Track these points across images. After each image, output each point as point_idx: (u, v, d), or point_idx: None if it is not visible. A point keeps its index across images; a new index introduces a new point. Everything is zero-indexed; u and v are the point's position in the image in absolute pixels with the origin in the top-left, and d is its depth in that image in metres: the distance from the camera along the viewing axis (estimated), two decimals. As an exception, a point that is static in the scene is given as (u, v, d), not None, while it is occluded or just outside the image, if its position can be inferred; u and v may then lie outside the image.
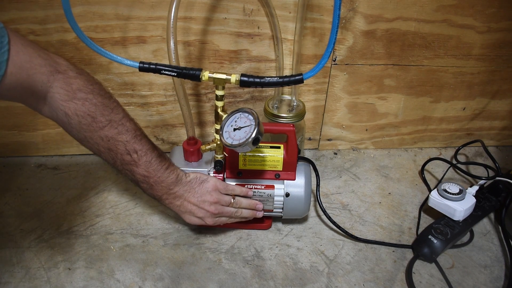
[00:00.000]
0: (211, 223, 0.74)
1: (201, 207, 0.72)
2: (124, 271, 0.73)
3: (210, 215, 0.73)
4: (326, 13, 0.86)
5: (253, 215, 0.77)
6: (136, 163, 0.65)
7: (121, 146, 0.63)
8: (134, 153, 0.65)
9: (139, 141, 0.65)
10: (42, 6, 0.80)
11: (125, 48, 0.86)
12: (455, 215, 0.79)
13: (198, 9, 0.83)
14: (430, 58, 0.94)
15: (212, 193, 0.72)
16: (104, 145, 0.63)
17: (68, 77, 0.57)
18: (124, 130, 0.63)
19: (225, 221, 0.76)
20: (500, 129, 1.09)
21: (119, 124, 0.63)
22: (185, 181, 0.71)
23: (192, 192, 0.71)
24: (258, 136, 0.63)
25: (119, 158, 0.64)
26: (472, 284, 0.73)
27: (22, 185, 0.92)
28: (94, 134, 0.61)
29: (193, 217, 0.73)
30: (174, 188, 0.70)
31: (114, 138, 0.62)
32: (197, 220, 0.73)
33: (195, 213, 0.72)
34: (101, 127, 0.61)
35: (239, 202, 0.75)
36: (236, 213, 0.75)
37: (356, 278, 0.73)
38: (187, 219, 0.73)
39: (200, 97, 0.95)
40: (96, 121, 0.60)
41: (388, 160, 1.04)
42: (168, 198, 0.70)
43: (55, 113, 0.59)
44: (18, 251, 0.76)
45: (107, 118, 0.61)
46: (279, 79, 0.64)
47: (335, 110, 1.00)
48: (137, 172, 0.66)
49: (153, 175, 0.67)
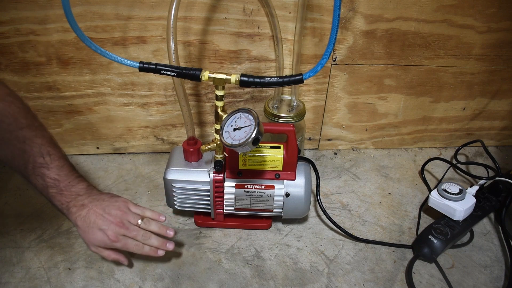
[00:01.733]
0: (113, 236, 0.67)
1: (105, 217, 0.67)
2: (124, 271, 0.73)
3: (114, 227, 0.67)
4: (326, 13, 0.86)
5: (161, 245, 0.70)
6: (48, 165, 0.66)
7: (35, 148, 0.65)
8: (47, 156, 0.66)
9: (54, 147, 0.68)
10: (42, 6, 0.80)
11: (125, 48, 0.86)
12: (455, 215, 0.79)
13: (198, 9, 0.83)
14: (430, 58, 0.94)
15: (121, 206, 0.69)
16: (19, 147, 0.65)
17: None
18: (40, 135, 0.67)
19: (131, 245, 0.68)
20: (500, 129, 1.09)
21: (38, 129, 0.67)
22: (95, 192, 0.70)
23: (100, 202, 0.68)
24: (258, 136, 0.63)
25: (31, 161, 0.65)
26: (472, 284, 0.73)
27: (22, 185, 0.92)
28: (12, 134, 0.64)
29: (95, 230, 0.67)
30: (83, 195, 0.68)
31: (31, 140, 0.65)
32: (99, 234, 0.67)
33: (99, 223, 0.67)
34: (20, 127, 0.65)
35: (148, 223, 0.70)
36: (144, 236, 0.69)
37: (356, 278, 0.73)
38: (90, 234, 0.67)
39: (200, 97, 0.95)
40: (17, 121, 0.65)
41: (388, 160, 1.04)
42: (76, 205, 0.67)
43: None
44: (18, 251, 0.76)
45: (28, 121, 0.66)
46: (279, 79, 0.64)
47: (335, 110, 1.00)
48: (48, 175, 0.66)
49: (64, 179, 0.67)
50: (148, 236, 0.69)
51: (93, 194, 0.69)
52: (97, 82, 0.90)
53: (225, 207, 0.78)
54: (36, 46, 0.84)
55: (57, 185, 0.67)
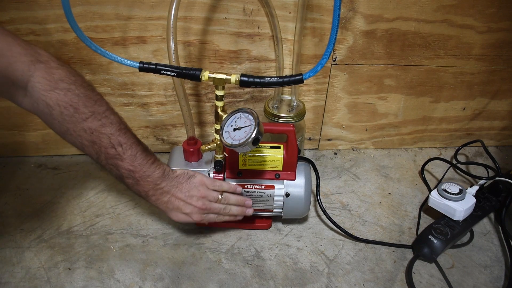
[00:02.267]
0: (198, 219, 0.71)
1: (188, 202, 0.69)
2: (124, 271, 0.73)
3: (198, 210, 0.70)
4: (326, 13, 0.86)
5: (242, 212, 0.75)
6: (121, 156, 0.63)
7: (105, 139, 0.62)
8: (119, 146, 0.63)
9: (124, 134, 0.64)
10: (42, 6, 0.80)
11: (125, 48, 0.86)
12: (455, 215, 0.79)
13: (198, 9, 0.83)
14: (430, 58, 0.94)
15: (200, 187, 0.71)
16: (88, 138, 0.61)
17: (50, 67, 0.57)
18: (108, 123, 0.62)
19: (213, 218, 0.73)
20: (500, 129, 1.09)
21: (103, 116, 0.61)
22: (172, 176, 0.69)
23: (180, 187, 0.70)
24: (258, 136, 0.63)
25: (103, 152, 0.62)
26: (472, 284, 0.73)
27: (22, 185, 0.92)
28: (77, 126, 0.60)
29: (180, 214, 0.70)
30: (161, 184, 0.68)
31: (98, 131, 0.61)
32: (184, 217, 0.70)
33: (182, 209, 0.70)
34: (84, 119, 0.59)
35: (227, 198, 0.73)
36: (225, 209, 0.73)
37: (356, 278, 0.73)
38: (174, 216, 0.71)
39: (200, 97, 0.95)
40: (78, 112, 0.59)
41: (388, 160, 1.04)
42: (155, 194, 0.68)
43: (36, 104, 0.57)
44: (18, 251, 0.76)
45: (90, 109, 0.60)
46: (279, 79, 0.64)
47: (335, 110, 1.00)
48: (122, 166, 0.64)
49: (138, 169, 0.65)
50: (228, 209, 0.73)
51: (170, 178, 0.69)
52: (97, 82, 0.90)
53: (225, 207, 0.78)
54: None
55: (132, 176, 0.65)
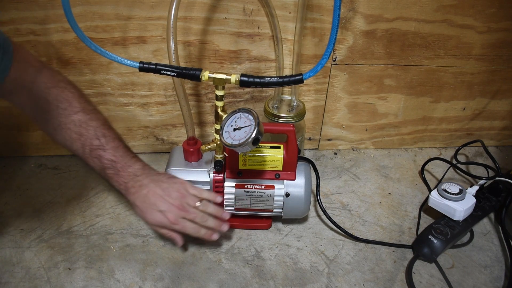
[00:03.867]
0: (173, 219, 0.68)
1: (165, 199, 0.69)
2: (124, 271, 0.73)
3: (174, 209, 0.69)
4: (326, 13, 0.86)
5: (217, 227, 0.72)
6: (104, 147, 0.69)
7: (91, 131, 0.69)
8: (103, 138, 0.69)
9: (108, 129, 0.71)
10: (42, 6, 0.80)
11: (125, 48, 0.86)
12: (455, 215, 0.79)
13: (198, 9, 0.83)
14: (430, 58, 0.94)
15: (180, 188, 0.71)
16: (76, 130, 0.69)
17: (53, 71, 0.71)
18: (95, 118, 0.71)
19: (189, 228, 0.70)
20: (500, 129, 1.09)
21: (91, 112, 0.71)
22: (153, 172, 0.72)
23: (159, 184, 0.70)
24: (258, 136, 0.63)
25: (88, 144, 0.69)
26: (472, 284, 0.73)
27: (22, 185, 0.92)
28: (68, 118, 0.68)
29: (155, 212, 0.68)
30: (141, 176, 0.70)
31: (86, 123, 0.69)
32: (159, 216, 0.69)
33: (158, 205, 0.68)
34: (75, 112, 0.69)
35: (206, 206, 0.72)
36: (202, 218, 0.70)
37: (356, 278, 0.73)
38: (149, 215, 0.69)
39: (200, 97, 0.95)
40: (72, 106, 0.69)
41: (388, 160, 1.04)
42: (135, 186, 0.69)
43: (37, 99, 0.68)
44: (18, 251, 0.76)
45: (82, 105, 0.70)
46: (279, 79, 0.64)
47: (335, 110, 1.00)
48: (104, 156, 0.69)
49: (120, 160, 0.70)
50: (205, 219, 0.71)
51: (151, 174, 0.72)
52: (97, 82, 0.90)
53: (225, 207, 0.78)
54: (36, 46, 0.84)
55: (114, 166, 0.69)
